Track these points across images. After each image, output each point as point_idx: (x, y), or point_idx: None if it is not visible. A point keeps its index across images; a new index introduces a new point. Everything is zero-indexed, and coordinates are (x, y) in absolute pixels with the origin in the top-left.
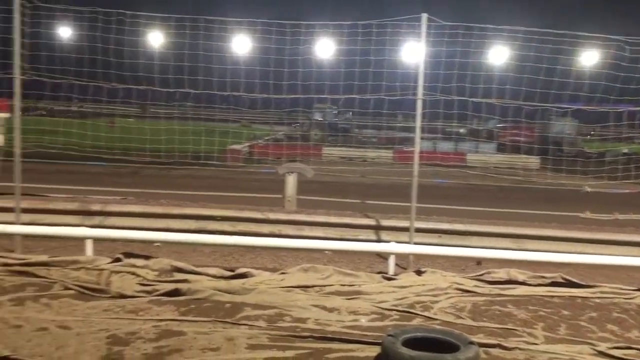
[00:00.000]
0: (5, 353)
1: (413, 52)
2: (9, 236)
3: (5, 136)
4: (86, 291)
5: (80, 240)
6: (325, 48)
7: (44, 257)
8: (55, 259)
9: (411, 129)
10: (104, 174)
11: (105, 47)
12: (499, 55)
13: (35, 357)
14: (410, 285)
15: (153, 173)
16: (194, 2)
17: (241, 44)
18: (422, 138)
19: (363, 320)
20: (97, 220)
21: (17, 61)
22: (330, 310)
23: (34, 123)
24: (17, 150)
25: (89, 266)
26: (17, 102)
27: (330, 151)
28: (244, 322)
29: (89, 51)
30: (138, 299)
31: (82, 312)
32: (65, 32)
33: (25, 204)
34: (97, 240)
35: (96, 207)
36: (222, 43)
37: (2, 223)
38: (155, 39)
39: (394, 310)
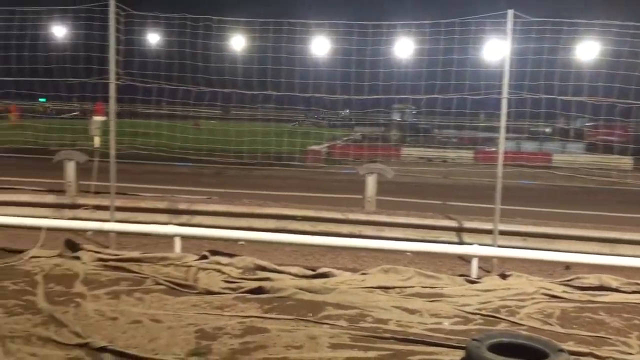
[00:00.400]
0: (103, 344)
1: (498, 49)
2: (105, 233)
3: (101, 138)
4: (175, 287)
5: (170, 237)
6: (406, 48)
7: (136, 254)
8: (147, 256)
9: (494, 129)
10: (190, 174)
11: (193, 52)
12: (589, 51)
13: (130, 348)
14: (495, 289)
15: (235, 173)
16: (275, 5)
17: (322, 46)
18: (506, 138)
19: (446, 324)
20: (184, 218)
21: (112, 67)
22: (412, 312)
23: (128, 125)
24: (112, 152)
25: (178, 263)
26: (112, 105)
27: (409, 152)
28: (325, 321)
29: (178, 56)
30: (224, 295)
31: (172, 307)
32: (155, 38)
33: (119, 202)
34: (184, 238)
35: (183, 206)
36: (303, 45)
37: (98, 221)
38: (239, 42)
39: (478, 314)
